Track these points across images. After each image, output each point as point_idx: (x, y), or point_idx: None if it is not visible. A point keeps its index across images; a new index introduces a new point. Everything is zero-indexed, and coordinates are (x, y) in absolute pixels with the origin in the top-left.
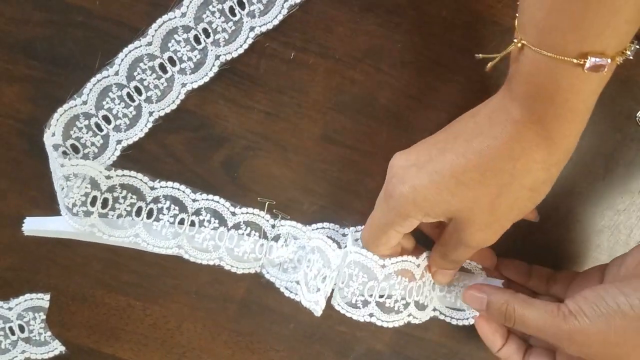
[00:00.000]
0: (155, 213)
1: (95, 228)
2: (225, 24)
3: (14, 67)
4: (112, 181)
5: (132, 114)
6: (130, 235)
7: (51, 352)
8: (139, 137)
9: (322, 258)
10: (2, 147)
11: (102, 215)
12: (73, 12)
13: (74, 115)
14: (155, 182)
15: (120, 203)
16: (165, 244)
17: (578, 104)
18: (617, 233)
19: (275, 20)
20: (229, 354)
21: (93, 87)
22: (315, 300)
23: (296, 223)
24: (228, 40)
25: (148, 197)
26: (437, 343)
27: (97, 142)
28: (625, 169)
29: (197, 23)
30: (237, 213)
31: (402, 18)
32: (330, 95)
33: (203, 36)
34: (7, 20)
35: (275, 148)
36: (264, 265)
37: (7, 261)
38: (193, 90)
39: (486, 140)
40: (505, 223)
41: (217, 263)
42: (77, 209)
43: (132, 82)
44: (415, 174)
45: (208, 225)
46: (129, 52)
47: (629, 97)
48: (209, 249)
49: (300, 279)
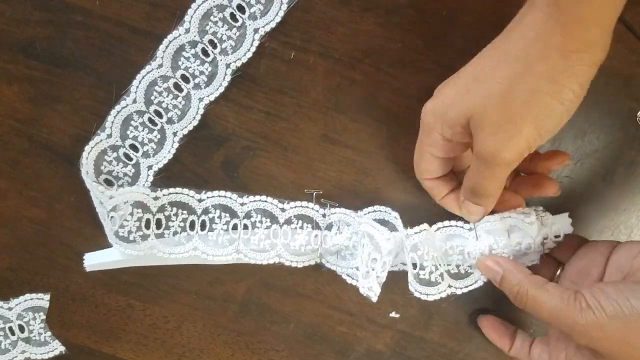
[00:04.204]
0: (208, 224)
1: (155, 249)
2: (230, 31)
3: (14, 67)
4: (161, 201)
5: (157, 137)
6: (189, 250)
7: (51, 352)
8: (167, 159)
9: (372, 243)
10: (2, 147)
11: (159, 235)
12: (73, 12)
13: (101, 151)
14: (202, 194)
15: (173, 220)
16: (223, 252)
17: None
18: (618, 233)
19: (277, 18)
20: (229, 354)
21: (114, 119)
22: (368, 286)
23: (346, 210)
24: (235, 47)
25: (198, 209)
26: (437, 343)
27: (129, 172)
28: (625, 169)
29: (202, 36)
30: (286, 209)
31: (402, 18)
32: (330, 95)
33: (210, 48)
34: (7, 20)
35: (275, 148)
36: (322, 255)
37: (7, 261)
38: (211, 103)
39: (506, 35)
40: (523, 128)
41: (276, 261)
42: (133, 235)
43: (151, 106)
44: (442, 87)
45: (261, 225)
46: (142, 78)
47: (629, 97)
48: (266, 249)
49: (359, 264)
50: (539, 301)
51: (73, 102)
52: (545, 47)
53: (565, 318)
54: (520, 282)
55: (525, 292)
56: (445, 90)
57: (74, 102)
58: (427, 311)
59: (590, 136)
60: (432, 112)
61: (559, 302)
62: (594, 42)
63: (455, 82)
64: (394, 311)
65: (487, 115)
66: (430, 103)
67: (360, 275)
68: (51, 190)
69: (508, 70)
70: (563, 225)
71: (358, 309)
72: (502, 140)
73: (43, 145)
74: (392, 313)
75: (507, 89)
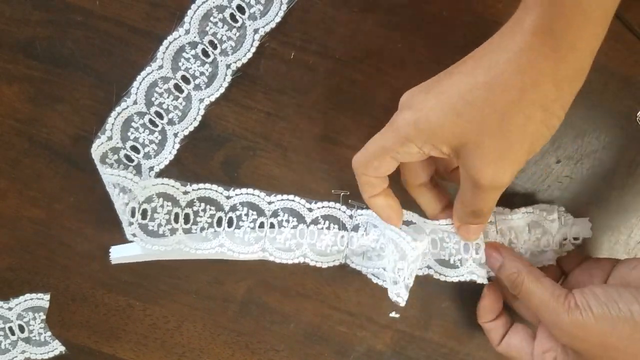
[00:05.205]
0: (235, 221)
1: (182, 244)
2: (230, 32)
3: (14, 67)
4: (190, 196)
5: (158, 139)
6: (215, 246)
7: (51, 352)
8: (168, 160)
9: (397, 250)
10: (2, 147)
11: (187, 230)
12: (73, 12)
13: (103, 153)
14: (230, 191)
15: (201, 216)
16: (249, 249)
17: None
18: (618, 233)
19: (277, 18)
20: (229, 354)
21: (115, 121)
22: (397, 292)
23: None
24: (235, 48)
25: (226, 206)
26: (437, 343)
27: (131, 173)
28: (625, 169)
29: (202, 37)
30: (313, 209)
31: (402, 18)
32: (330, 95)
33: (210, 48)
34: (7, 20)
35: (275, 148)
36: (348, 256)
37: (7, 261)
38: (211, 104)
39: (495, 56)
40: (519, 153)
41: (301, 261)
42: (162, 228)
43: (152, 107)
44: (422, 99)
45: (287, 224)
46: (142, 80)
47: (629, 97)
48: (292, 248)
49: (386, 265)
50: (532, 291)
51: (73, 102)
52: (539, 74)
53: (552, 313)
54: (519, 270)
55: (521, 281)
56: (427, 104)
57: (74, 102)
58: (427, 311)
59: (590, 136)
60: (414, 125)
61: (550, 296)
62: (584, 69)
63: (439, 98)
64: (394, 311)
65: (485, 145)
66: (411, 114)
67: (389, 281)
68: (51, 190)
69: (503, 97)
70: (583, 229)
71: (358, 309)
72: (500, 168)
73: (43, 145)
74: (392, 313)
75: (502, 117)
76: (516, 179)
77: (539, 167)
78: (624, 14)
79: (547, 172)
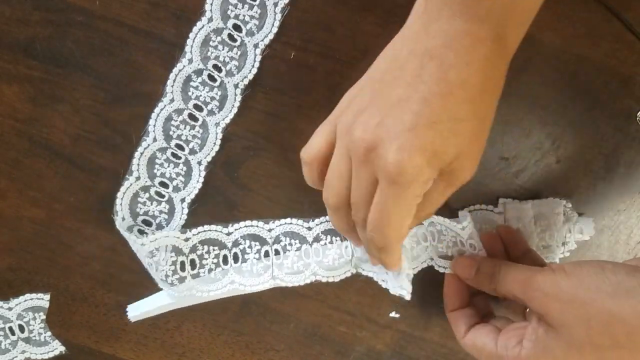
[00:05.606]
0: (240, 255)
1: (194, 290)
2: (231, 52)
3: (14, 67)
4: (192, 242)
5: (184, 170)
6: (226, 284)
7: (51, 352)
8: (197, 189)
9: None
10: (2, 147)
11: (195, 275)
12: (73, 12)
13: (133, 194)
14: (229, 227)
15: (206, 258)
16: (260, 280)
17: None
18: (618, 233)
19: (274, 29)
20: (229, 354)
21: (139, 161)
22: (399, 285)
23: None
24: (239, 66)
25: (228, 243)
26: (437, 343)
27: (165, 209)
28: (625, 169)
29: (206, 62)
30: (312, 227)
31: (402, 18)
32: (330, 95)
33: (216, 72)
34: (7, 20)
35: (275, 148)
36: (357, 265)
37: (7, 261)
38: (228, 126)
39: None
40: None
41: (313, 280)
42: (170, 279)
43: (172, 141)
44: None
45: (291, 248)
46: (157, 116)
47: (629, 97)
48: (301, 269)
49: None
50: (511, 274)
51: (73, 102)
52: (501, 77)
53: (527, 280)
54: (496, 264)
55: (498, 271)
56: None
57: (74, 102)
58: (427, 311)
59: (590, 136)
60: (427, 162)
61: (527, 271)
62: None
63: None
64: (394, 311)
65: (471, 152)
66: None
67: (391, 277)
68: (51, 190)
69: (482, 106)
70: (586, 227)
71: (358, 309)
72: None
73: (43, 145)
74: (392, 313)
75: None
76: (516, 179)
77: (539, 167)
78: (624, 14)
79: (547, 172)
